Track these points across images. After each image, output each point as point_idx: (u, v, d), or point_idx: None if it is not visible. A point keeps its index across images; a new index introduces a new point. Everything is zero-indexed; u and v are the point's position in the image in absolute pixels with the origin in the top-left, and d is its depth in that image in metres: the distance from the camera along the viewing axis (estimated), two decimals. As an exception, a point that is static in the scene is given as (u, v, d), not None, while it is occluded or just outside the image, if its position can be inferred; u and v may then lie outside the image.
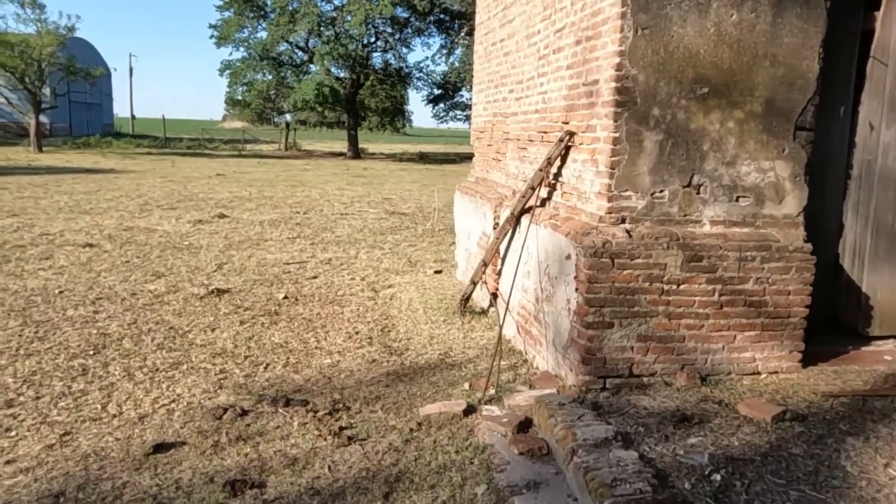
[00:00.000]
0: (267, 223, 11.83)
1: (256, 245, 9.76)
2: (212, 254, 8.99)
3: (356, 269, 8.35)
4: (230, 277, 7.68)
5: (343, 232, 11.21)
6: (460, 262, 7.80)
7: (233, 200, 14.83)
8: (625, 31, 3.89)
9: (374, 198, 16.34)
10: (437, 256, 9.40)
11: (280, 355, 5.16)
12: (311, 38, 35.02)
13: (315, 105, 32.44)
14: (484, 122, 7.24)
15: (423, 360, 5.18)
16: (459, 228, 7.76)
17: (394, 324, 6.13)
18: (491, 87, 6.91)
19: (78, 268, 7.87)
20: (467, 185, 7.52)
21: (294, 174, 22.95)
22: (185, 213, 12.56)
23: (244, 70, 33.47)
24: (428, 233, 11.49)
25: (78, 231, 10.30)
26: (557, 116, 4.94)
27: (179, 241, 9.86)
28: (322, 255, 9.13)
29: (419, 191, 18.38)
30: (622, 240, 3.99)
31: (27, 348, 5.09)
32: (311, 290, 7.22)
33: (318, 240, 10.38)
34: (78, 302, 6.42)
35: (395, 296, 7.14)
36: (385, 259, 9.06)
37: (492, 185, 6.74)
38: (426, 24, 37.87)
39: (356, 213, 13.48)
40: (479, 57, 7.48)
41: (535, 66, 5.44)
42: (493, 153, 6.88)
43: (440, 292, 7.26)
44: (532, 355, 5.04)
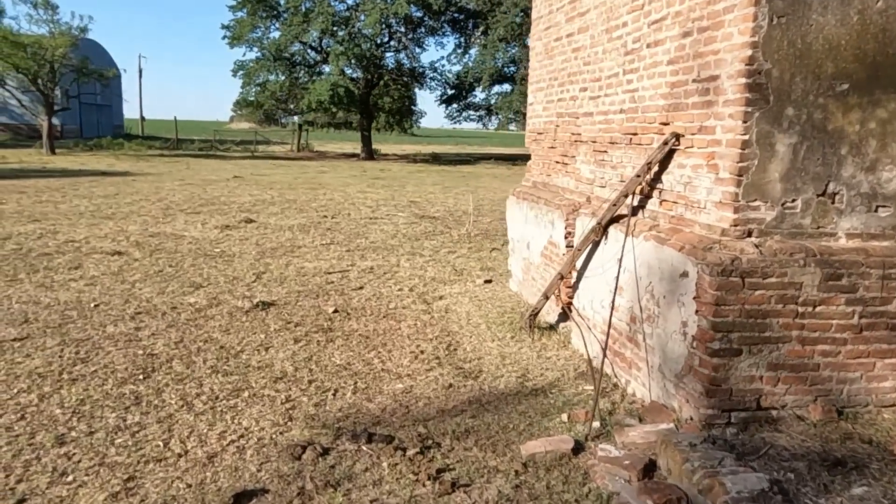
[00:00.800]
0: (296, 228, 11.39)
1: (291, 252, 9.33)
2: (247, 262, 8.56)
3: (401, 279, 7.90)
4: (272, 288, 7.23)
5: (377, 238, 10.76)
6: (515, 271, 7.34)
7: (256, 204, 14.40)
8: (758, 19, 3.43)
9: (398, 201, 15.89)
10: (481, 264, 8.94)
11: (346, 379, 4.71)
12: (325, 39, 34.63)
13: (329, 106, 32.02)
14: (544, 123, 6.77)
15: (502, 384, 4.73)
16: (515, 236, 7.30)
17: (458, 341, 5.67)
18: (554, 86, 6.45)
19: (110, 278, 7.44)
20: (525, 191, 7.06)
21: (312, 176, 22.52)
22: (209, 218, 12.14)
23: (258, 70, 33.08)
24: (464, 238, 11.03)
25: (103, 238, 9.88)
26: (653, 117, 4.47)
27: (210, 248, 9.43)
28: (362, 264, 8.68)
29: (443, 193, 17.93)
30: (753, 256, 3.52)
31: (70, 372, 4.65)
32: (361, 303, 6.77)
33: (353, 246, 9.93)
34: (116, 317, 5.99)
35: (449, 308, 6.69)
36: (429, 267, 8.61)
37: (557, 191, 6.27)
38: (440, 23, 37.46)
39: (385, 218, 13.03)
40: (536, 54, 7.02)
41: (620, 62, 4.97)
42: (556, 156, 6.42)
43: (498, 305, 6.80)
44: (625, 380, 4.57)
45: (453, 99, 40.40)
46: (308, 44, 34.82)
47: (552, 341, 5.66)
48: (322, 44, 35.31)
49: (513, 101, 29.94)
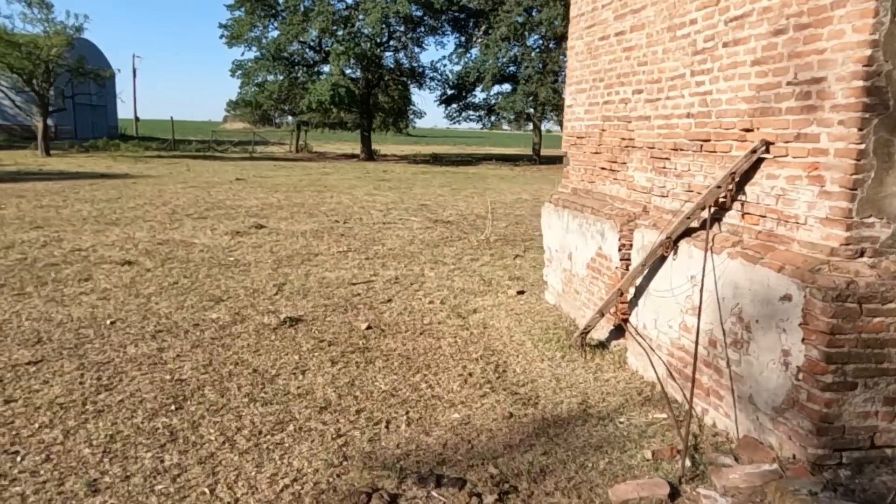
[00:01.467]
0: (309, 234, 10.99)
1: (308, 260, 8.92)
2: (264, 272, 8.15)
3: (430, 290, 7.51)
4: (296, 302, 6.84)
5: (394, 244, 10.37)
6: (552, 282, 6.97)
7: (263, 208, 13.98)
8: (879, 14, 3.07)
9: (408, 204, 15.50)
10: (508, 273, 8.57)
11: (396, 408, 4.32)
12: (325, 38, 34.18)
13: (330, 106, 31.59)
14: (586, 127, 6.40)
15: (564, 411, 4.35)
16: (553, 246, 6.93)
17: (505, 361, 5.29)
18: (599, 88, 6.08)
19: (123, 291, 7.02)
20: (565, 198, 6.69)
21: (316, 178, 22.10)
22: (218, 224, 11.72)
23: (257, 70, 32.60)
24: (484, 244, 10.65)
25: (111, 246, 9.45)
26: (731, 122, 4.11)
27: (223, 256, 9.02)
28: (385, 273, 8.29)
29: (452, 196, 17.55)
30: (871, 279, 3.16)
31: (95, 402, 4.25)
32: (393, 318, 6.38)
33: (371, 254, 9.54)
34: (136, 336, 5.58)
35: (487, 323, 6.31)
36: (455, 277, 8.22)
37: (605, 199, 5.90)
38: (440, 22, 37.07)
39: (398, 222, 12.64)
40: (577, 53, 6.65)
41: (687, 63, 4.61)
42: (602, 162, 6.05)
43: (538, 319, 6.43)
44: (701, 408, 4.21)
45: (453, 99, 40.01)
46: (307, 43, 34.36)
47: (606, 361, 5.29)
48: (321, 43, 34.86)
49: (515, 101, 29.62)
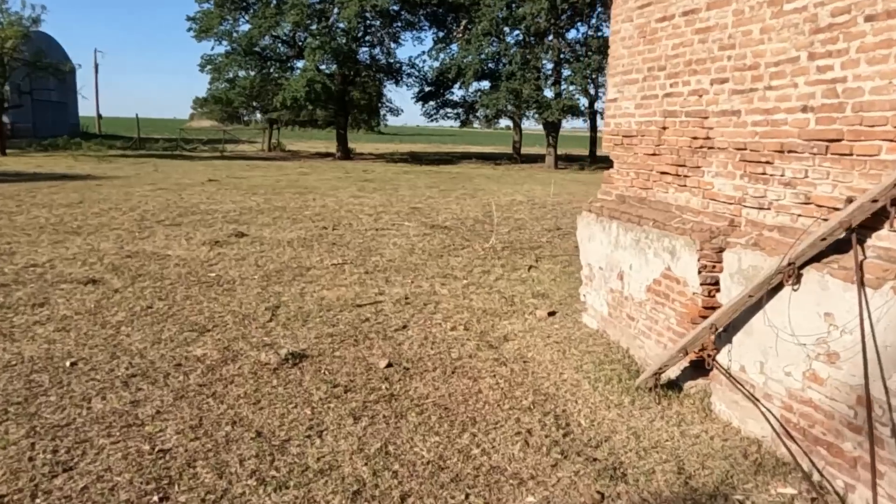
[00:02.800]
0: (297, 243, 9.90)
1: (301, 276, 7.86)
2: (252, 291, 7.07)
3: (447, 312, 6.52)
4: (295, 330, 5.78)
5: (393, 254, 9.34)
6: (594, 304, 6.03)
7: (242, 213, 12.82)
8: None
9: (399, 208, 14.45)
10: (530, 288, 7.62)
11: (452, 490, 3.33)
12: (298, 32, 32.86)
13: (305, 103, 30.30)
14: (638, 124, 5.47)
15: (662, 487, 3.41)
16: (596, 262, 5.98)
17: (565, 410, 4.33)
18: (659, 77, 5.15)
19: (87, 319, 5.89)
20: (611, 207, 5.75)
21: (294, 179, 20.89)
22: (194, 232, 10.55)
23: (228, 65, 31.12)
24: (491, 253, 9.69)
25: (72, 260, 8.26)
26: (881, 117, 3.20)
27: (203, 271, 7.90)
28: (392, 291, 7.27)
29: (443, 198, 16.55)
30: None
31: (48, 493, 3.17)
32: (414, 351, 5.38)
33: (370, 266, 8.51)
34: (103, 383, 4.49)
35: (525, 355, 5.35)
36: (472, 295, 7.24)
37: (670, 211, 4.97)
38: (418, 17, 35.99)
39: (392, 229, 11.60)
40: (623, 39, 5.71)
41: (803, 43, 3.69)
42: (663, 165, 5.12)
43: (584, 350, 5.48)
44: (842, 483, 3.29)
45: (431, 96, 38.96)
46: (280, 38, 32.99)
47: (686, 408, 4.36)
48: (295, 38, 33.53)
49: (499, 98, 28.70)
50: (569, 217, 13.39)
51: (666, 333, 4.83)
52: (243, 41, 30.42)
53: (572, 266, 8.97)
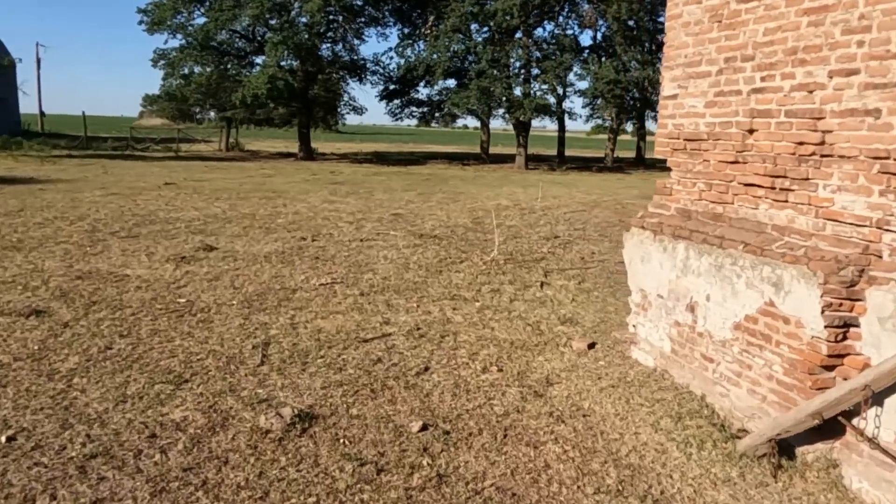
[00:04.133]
0: (275, 258, 8.76)
1: (287, 300, 6.75)
2: (233, 322, 5.95)
3: (470, 347, 5.53)
4: (295, 378, 4.71)
5: (387, 271, 8.29)
6: (652, 337, 5.11)
7: (207, 222, 11.55)
8: None
9: (379, 214, 13.36)
10: (553, 311, 6.68)
11: None
12: (257, 27, 31.30)
13: (267, 100, 28.80)
14: (710, 125, 4.58)
15: None
16: (652, 288, 5.06)
17: (663, 492, 3.39)
18: (745, 70, 4.26)
19: (29, 368, 4.70)
20: (674, 224, 4.84)
21: (259, 181, 19.53)
22: (155, 246, 9.29)
23: (182, 60, 29.34)
24: (494, 267, 8.73)
25: (10, 284, 6.96)
26: None
27: (170, 296, 6.73)
28: (398, 319, 6.24)
29: (423, 202, 15.50)
30: None
31: None
32: (449, 405, 4.37)
33: (364, 286, 7.45)
34: (51, 472, 3.35)
35: (582, 406, 4.40)
36: (492, 322, 6.26)
37: (764, 231, 4.08)
38: (382, 12, 34.79)
39: (378, 239, 10.53)
40: (686, 24, 4.81)
41: None
42: (751, 175, 4.23)
43: (651, 397, 4.56)
44: None
45: (396, 94, 37.82)
46: (239, 32, 31.37)
47: (813, 484, 3.47)
48: (254, 32, 31.95)
49: (470, 96, 27.76)
50: (563, 224, 12.54)
51: (765, 383, 3.94)
52: (199, 35, 28.71)
53: (587, 282, 8.09)
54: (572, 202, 15.98)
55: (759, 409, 3.98)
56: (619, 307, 6.94)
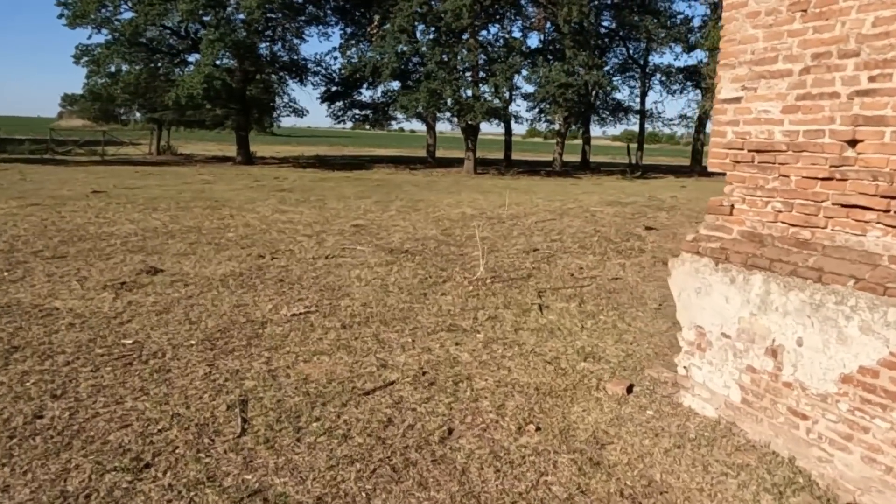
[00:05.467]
0: (233, 282, 7.62)
1: (258, 338, 5.69)
2: (197, 371, 4.86)
3: (493, 396, 4.63)
4: (291, 453, 3.69)
5: (365, 295, 7.30)
6: (713, 384, 4.34)
7: (147, 237, 10.22)
8: None
9: (338, 225, 12.28)
10: (568, 344, 5.86)
11: None
12: (190, 23, 29.46)
13: (203, 101, 27.04)
14: (788, 134, 3.85)
15: None
16: (714, 325, 4.29)
17: None
18: (844, 68, 3.54)
19: (-72, 455, 3.51)
20: (743, 250, 4.08)
21: (199, 188, 18.04)
22: (87, 268, 7.99)
23: (109, 57, 27.20)
24: (482, 287, 7.87)
25: None
26: None
27: (113, 337, 5.55)
28: (396, 360, 5.28)
29: (382, 212, 14.48)
30: None
31: None
32: (498, 487, 3.45)
33: (345, 316, 6.45)
34: None
35: (652, 477, 3.58)
36: (505, 361, 5.38)
37: (879, 264, 3.36)
38: (324, 11, 33.49)
39: (345, 255, 9.49)
40: (752, 14, 4.08)
41: None
42: (851, 196, 3.52)
43: (727, 460, 3.77)
44: None
45: (338, 96, 36.53)
46: (170, 28, 29.44)
47: None
48: (187, 29, 30.08)
49: (419, 98, 26.82)
50: (538, 235, 11.80)
51: (891, 451, 3.21)
52: (127, 30, 26.69)
53: (587, 304, 7.33)
54: (538, 210, 15.30)
55: (882, 481, 3.25)
56: (637, 336, 6.19)
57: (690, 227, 13.15)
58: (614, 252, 10.37)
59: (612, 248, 10.74)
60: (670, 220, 14.03)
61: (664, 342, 6.03)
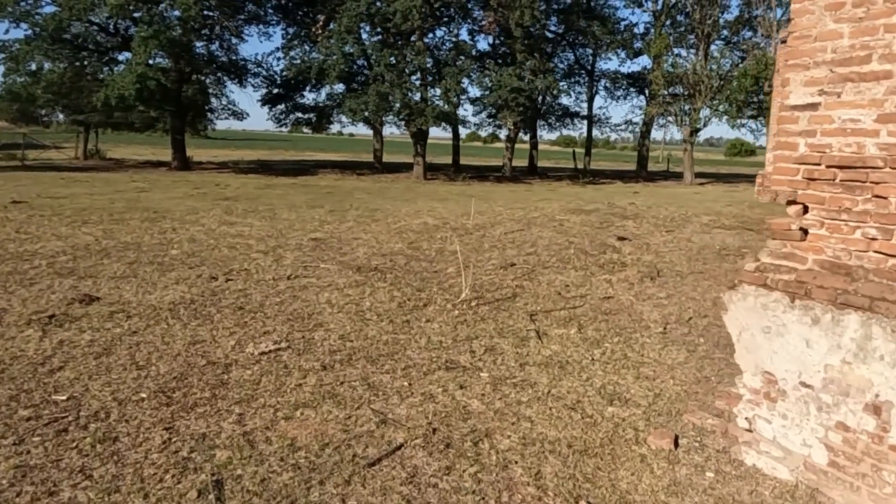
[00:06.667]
0: (184, 312, 6.60)
1: (223, 386, 4.75)
2: (153, 439, 3.90)
3: (522, 460, 3.86)
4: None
5: (341, 325, 6.42)
6: (790, 442, 3.68)
7: (78, 257, 8.99)
8: None
9: (295, 240, 11.25)
10: (586, 383, 5.15)
11: None
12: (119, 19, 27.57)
13: (135, 102, 25.26)
14: (883, 148, 3.25)
15: None
16: (790, 373, 3.64)
17: None
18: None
19: None
20: (829, 284, 3.44)
21: (133, 197, 16.57)
22: (7, 297, 6.80)
23: (29, 53, 25.07)
24: (467, 310, 7.10)
25: None
26: None
27: (41, 392, 4.51)
28: (396, 412, 4.43)
29: (339, 223, 13.48)
30: None
31: None
32: None
33: (323, 353, 5.56)
34: None
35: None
36: (523, 408, 4.61)
37: None
38: (264, 9, 32.09)
39: (309, 275, 8.53)
40: (831, 7, 3.46)
41: None
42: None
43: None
44: None
45: (280, 99, 35.11)
46: (98, 24, 27.47)
47: None
48: (117, 25, 28.16)
49: (367, 102, 25.83)
50: (511, 248, 11.11)
51: None
52: (49, 25, 24.64)
53: (587, 328, 6.67)
54: (503, 219, 14.64)
55: None
56: (656, 370, 5.54)
57: (661, 236, 12.75)
58: (596, 266, 9.77)
59: (592, 261, 10.14)
60: (639, 230, 13.61)
61: (688, 376, 5.40)
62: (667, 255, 10.86)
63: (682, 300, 7.95)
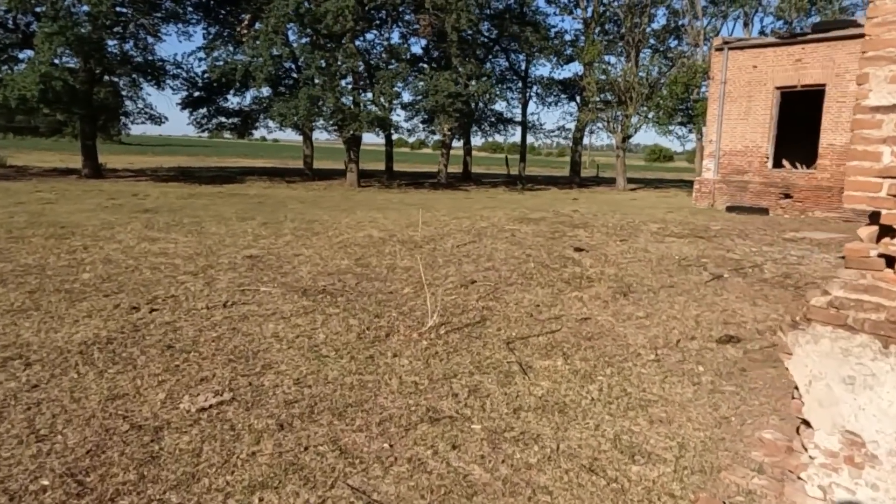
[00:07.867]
0: (100, 356, 5.44)
1: (152, 462, 3.73)
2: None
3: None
4: None
5: (295, 366, 5.43)
6: (871, 516, 3.01)
7: (-35, 284, 7.57)
8: None
9: (227, 257, 10.06)
10: (597, 433, 4.39)
11: None
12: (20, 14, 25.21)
13: (39, 104, 23.01)
14: None
15: None
16: (886, 434, 2.97)
17: None
18: None
19: None
20: (939, 329, 2.79)
21: (37, 210, 14.78)
22: None
23: (-88, 49, 22.44)
24: (437, 342, 6.25)
25: None
26: None
27: None
28: (382, 488, 3.53)
29: (275, 237, 12.32)
30: None
31: None
32: None
33: (278, 407, 4.58)
34: None
35: None
36: (534, 474, 3.80)
37: None
38: (183, 7, 30.19)
39: (249, 302, 7.45)
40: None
41: None
42: None
43: None
44: None
45: (202, 102, 33.21)
46: (-5, 18, 25.00)
47: None
48: (16, 21, 25.74)
49: (298, 107, 24.51)
50: (467, 263, 10.31)
51: None
52: (-63, 18, 22.17)
53: (574, 358, 5.94)
54: (451, 230, 13.83)
55: None
56: (669, 411, 4.85)
57: (617, 246, 12.27)
58: (561, 282, 9.10)
59: (556, 276, 9.48)
60: (592, 240, 13.11)
61: (706, 418, 4.73)
62: (628, 266, 10.33)
63: (663, 319, 7.36)
